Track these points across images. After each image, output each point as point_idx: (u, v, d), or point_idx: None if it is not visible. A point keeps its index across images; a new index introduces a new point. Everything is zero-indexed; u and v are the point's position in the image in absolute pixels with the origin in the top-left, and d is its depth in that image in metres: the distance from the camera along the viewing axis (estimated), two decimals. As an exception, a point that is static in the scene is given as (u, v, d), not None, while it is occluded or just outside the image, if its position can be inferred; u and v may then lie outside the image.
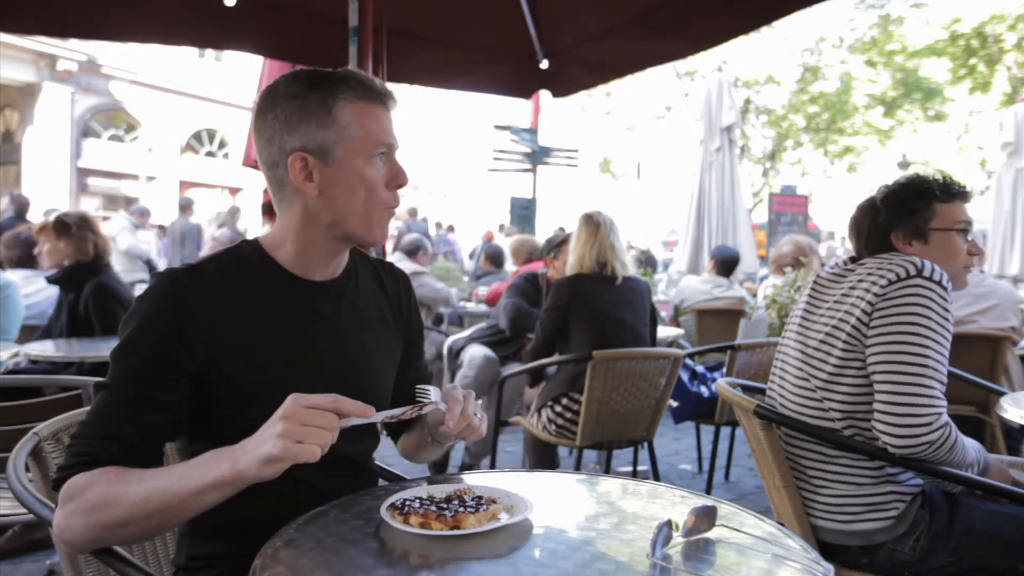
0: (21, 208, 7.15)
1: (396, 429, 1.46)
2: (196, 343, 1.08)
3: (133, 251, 7.67)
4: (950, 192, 1.77)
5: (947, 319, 1.60)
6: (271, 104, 1.16)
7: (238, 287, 1.15)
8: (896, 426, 1.55)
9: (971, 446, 1.63)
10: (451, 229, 15.23)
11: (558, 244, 3.75)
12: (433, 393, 1.14)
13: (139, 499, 0.95)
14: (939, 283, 1.60)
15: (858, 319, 1.65)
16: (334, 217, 1.16)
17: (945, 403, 1.57)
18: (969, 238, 1.79)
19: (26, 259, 4.07)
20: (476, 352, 3.90)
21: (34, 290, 4.10)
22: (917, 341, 1.57)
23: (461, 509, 0.99)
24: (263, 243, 1.22)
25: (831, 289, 1.81)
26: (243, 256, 1.20)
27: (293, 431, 0.90)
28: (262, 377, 1.13)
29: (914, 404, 1.54)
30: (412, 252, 5.61)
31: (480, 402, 1.25)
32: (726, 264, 5.41)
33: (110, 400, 1.05)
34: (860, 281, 1.70)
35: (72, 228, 3.38)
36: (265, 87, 1.19)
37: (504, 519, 1.00)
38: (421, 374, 1.44)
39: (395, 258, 5.67)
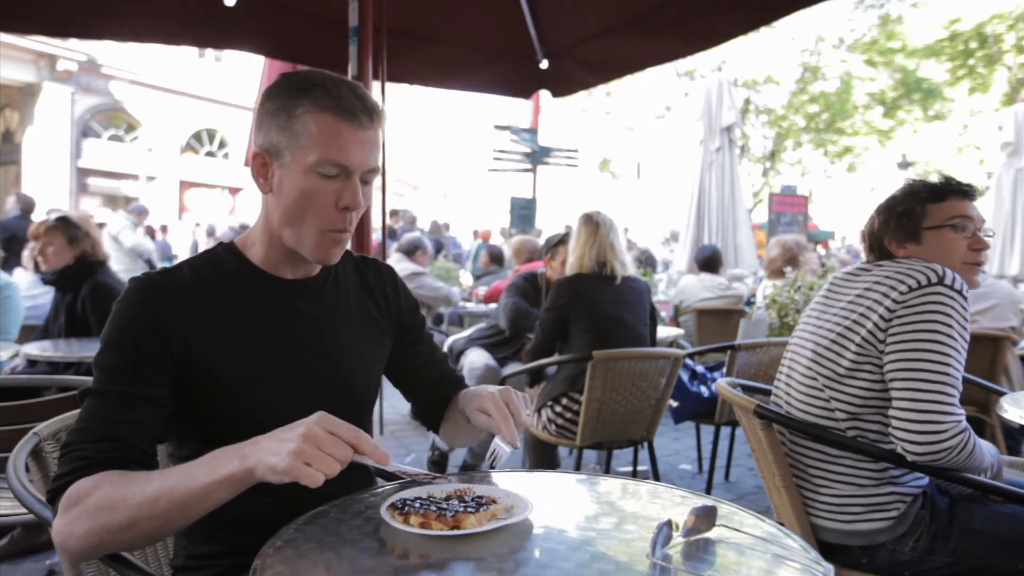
0: (27, 207, 7.30)
1: (435, 419, 1.43)
2: (173, 342, 1.09)
3: (137, 249, 7.68)
4: (940, 191, 1.77)
5: (966, 327, 1.61)
6: (261, 100, 1.17)
7: (213, 288, 1.16)
8: (917, 433, 1.55)
9: (987, 450, 1.63)
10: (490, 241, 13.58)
11: (555, 244, 3.75)
12: (499, 443, 1.15)
13: (146, 499, 0.93)
14: (959, 291, 1.60)
15: (875, 324, 1.64)
16: (279, 222, 1.15)
17: (963, 410, 1.58)
18: (966, 234, 1.75)
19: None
20: (477, 360, 3.89)
21: (41, 291, 4.10)
22: (939, 349, 1.56)
23: (461, 509, 0.99)
24: (238, 243, 1.23)
25: (845, 289, 1.81)
26: (218, 258, 1.21)
27: (307, 452, 0.89)
28: (241, 376, 1.13)
29: (935, 411, 1.54)
30: (410, 252, 5.60)
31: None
32: (709, 262, 5.42)
33: (98, 403, 1.05)
34: (877, 284, 1.70)
35: (81, 230, 3.40)
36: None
37: (504, 519, 1.00)
38: (430, 350, 1.44)
39: (394, 259, 5.67)
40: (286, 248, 1.18)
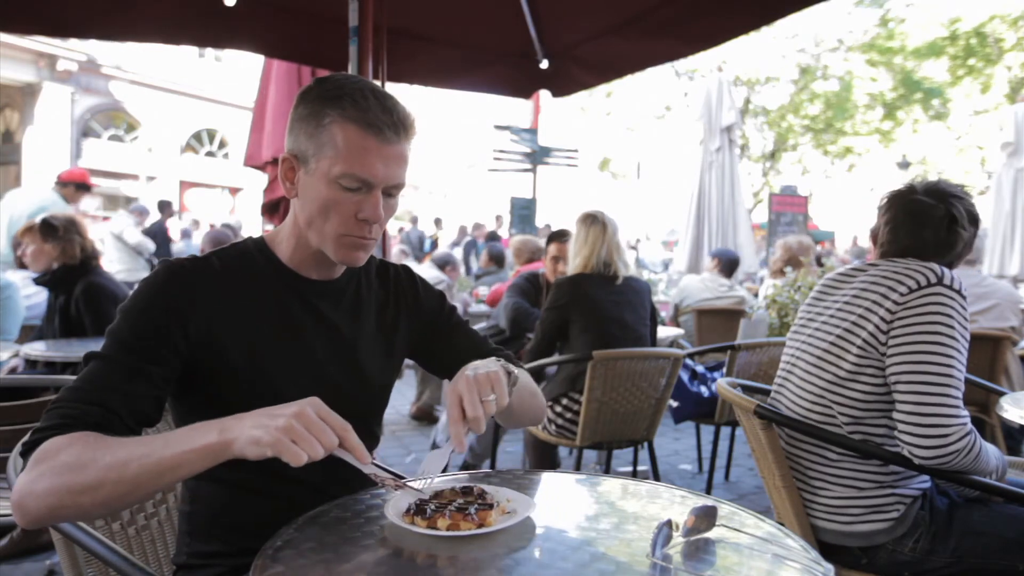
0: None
1: None
2: (192, 327, 1.10)
3: (141, 247, 7.69)
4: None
5: (966, 327, 1.61)
6: (295, 103, 1.17)
7: (238, 280, 1.17)
8: (923, 436, 1.54)
9: (993, 452, 1.62)
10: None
11: (548, 242, 3.79)
12: (428, 460, 1.08)
13: (117, 462, 0.91)
14: (958, 291, 1.60)
15: (876, 326, 1.64)
16: (304, 225, 1.17)
17: (967, 412, 1.57)
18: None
19: None
20: None
21: (35, 291, 4.09)
22: (941, 351, 1.56)
23: (473, 510, 0.98)
24: (266, 239, 1.25)
25: (839, 291, 1.80)
26: (246, 251, 1.22)
27: (294, 430, 0.89)
28: (256, 370, 1.14)
29: (941, 414, 1.54)
30: (442, 265, 6.00)
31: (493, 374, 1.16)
32: (729, 265, 5.43)
33: (100, 368, 1.05)
34: (875, 284, 1.69)
35: (59, 231, 3.35)
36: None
37: (504, 519, 1.00)
38: (460, 335, 1.40)
39: (426, 267, 6.10)
40: (312, 249, 1.19)
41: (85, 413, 0.99)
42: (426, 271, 5.89)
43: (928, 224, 1.73)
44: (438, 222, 14.13)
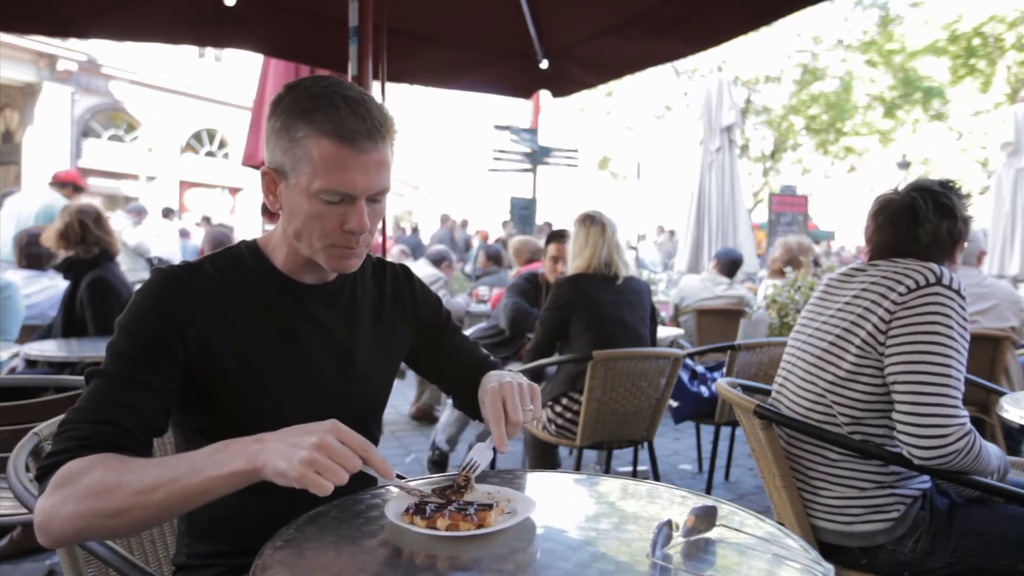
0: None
1: (475, 408, 1.36)
2: (189, 335, 1.09)
3: (140, 247, 7.67)
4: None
5: (965, 327, 1.60)
6: (269, 112, 1.15)
7: (233, 286, 1.17)
8: (922, 436, 1.54)
9: (993, 452, 1.62)
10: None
11: (547, 242, 3.80)
12: (480, 449, 1.15)
13: (144, 487, 0.91)
14: (957, 291, 1.60)
15: (874, 326, 1.64)
16: (292, 237, 1.16)
17: (967, 412, 1.57)
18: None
19: (35, 258, 4.08)
20: None
21: (35, 290, 4.10)
22: (940, 351, 1.56)
23: (473, 511, 0.98)
24: (260, 244, 1.24)
25: (841, 291, 1.80)
26: (240, 256, 1.21)
27: (318, 462, 0.88)
28: (254, 376, 1.14)
29: (939, 415, 1.53)
30: (437, 261, 5.92)
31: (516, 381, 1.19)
32: (730, 265, 5.43)
33: (104, 385, 1.05)
34: (874, 284, 1.69)
35: (73, 219, 3.37)
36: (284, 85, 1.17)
37: (504, 519, 1.00)
38: (458, 342, 1.43)
39: (421, 264, 6.03)
40: (304, 256, 1.19)
41: (96, 433, 0.99)
42: (421, 268, 5.86)
43: (894, 219, 1.75)
44: (506, 224, 13.59)
